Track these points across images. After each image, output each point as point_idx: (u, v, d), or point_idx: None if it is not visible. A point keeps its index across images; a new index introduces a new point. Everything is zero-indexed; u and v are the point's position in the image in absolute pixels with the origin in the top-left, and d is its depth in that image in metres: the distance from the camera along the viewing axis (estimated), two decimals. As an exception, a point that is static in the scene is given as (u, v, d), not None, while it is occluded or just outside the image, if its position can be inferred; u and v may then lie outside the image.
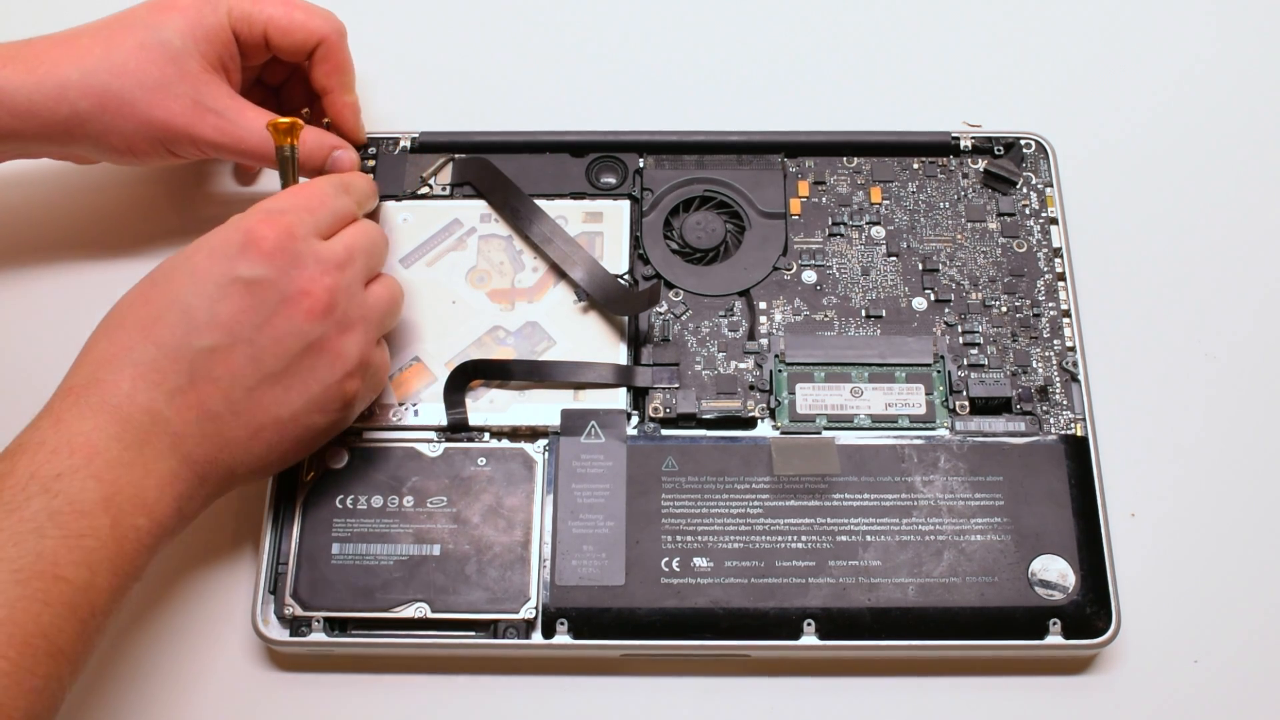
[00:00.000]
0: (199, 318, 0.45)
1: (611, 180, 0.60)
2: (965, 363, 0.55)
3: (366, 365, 0.49)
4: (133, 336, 0.45)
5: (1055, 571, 0.51)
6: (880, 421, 0.54)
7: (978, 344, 0.56)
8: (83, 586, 0.40)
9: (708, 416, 0.54)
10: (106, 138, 0.54)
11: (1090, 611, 0.50)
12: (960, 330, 0.56)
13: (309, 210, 0.49)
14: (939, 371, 0.55)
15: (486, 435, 0.53)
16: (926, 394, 0.54)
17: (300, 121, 0.54)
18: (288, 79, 0.61)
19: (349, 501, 0.52)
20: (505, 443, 0.53)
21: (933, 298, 0.57)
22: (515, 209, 0.58)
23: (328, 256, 0.48)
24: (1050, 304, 0.57)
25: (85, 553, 0.41)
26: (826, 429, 0.54)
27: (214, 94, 0.54)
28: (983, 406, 0.54)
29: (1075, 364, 0.55)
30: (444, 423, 0.53)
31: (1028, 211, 0.59)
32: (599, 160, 0.60)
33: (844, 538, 0.51)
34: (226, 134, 0.54)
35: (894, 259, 0.58)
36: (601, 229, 0.58)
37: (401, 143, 0.60)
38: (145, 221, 0.61)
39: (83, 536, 0.41)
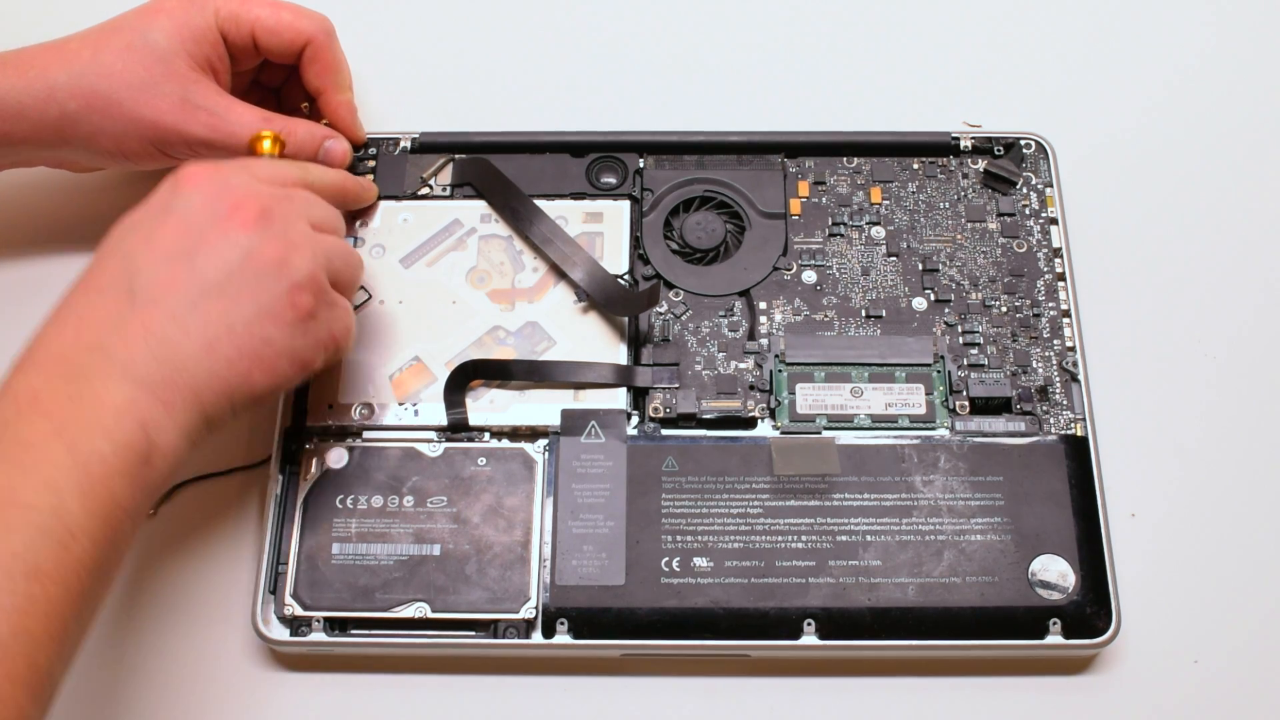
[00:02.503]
0: (135, 254, 0.45)
1: (611, 180, 0.60)
2: (965, 363, 0.55)
3: (321, 288, 0.48)
4: (74, 295, 0.45)
5: (1055, 571, 0.51)
6: (880, 421, 0.54)
7: (978, 344, 0.56)
8: (50, 509, 0.40)
9: (708, 416, 0.54)
10: (97, 139, 0.54)
11: (1090, 611, 0.50)
12: (960, 330, 0.56)
13: (243, 162, 0.49)
14: (939, 371, 0.55)
15: (486, 435, 0.53)
16: (926, 394, 0.54)
17: (281, 137, 0.54)
18: (286, 80, 0.61)
19: (349, 501, 0.52)
20: (505, 443, 0.53)
21: (933, 298, 0.57)
22: (515, 209, 0.58)
23: (261, 186, 0.48)
24: (1050, 304, 0.57)
25: (44, 479, 0.40)
26: (826, 429, 0.54)
27: (202, 92, 0.54)
28: (983, 406, 0.54)
29: (1075, 364, 0.55)
30: (444, 423, 0.53)
31: (1028, 211, 0.59)
32: (599, 160, 0.60)
33: (844, 538, 0.51)
34: (217, 130, 0.54)
35: (894, 259, 0.58)
36: (601, 229, 0.58)
37: (401, 143, 0.60)
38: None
39: (37, 466, 0.40)
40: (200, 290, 0.45)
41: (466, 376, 0.54)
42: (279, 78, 0.61)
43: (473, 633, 0.50)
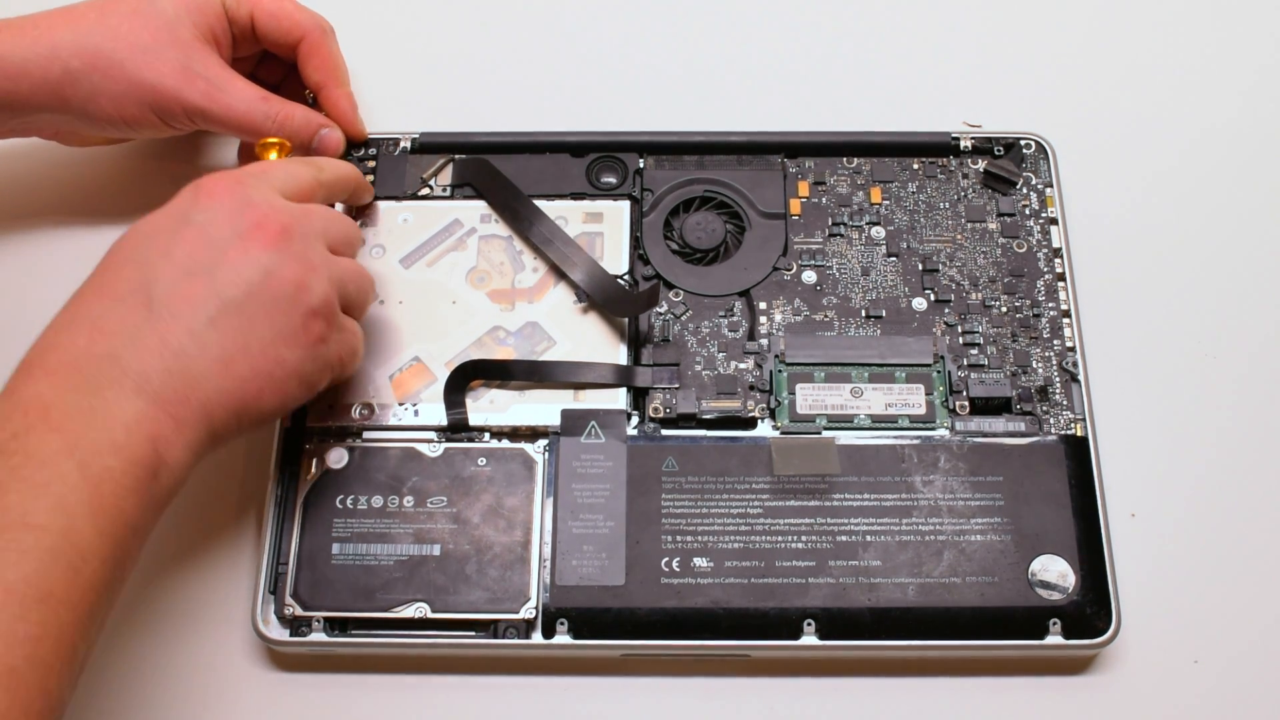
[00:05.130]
0: (154, 264, 0.45)
1: (611, 180, 0.60)
2: (965, 363, 0.55)
3: (333, 314, 0.48)
4: (88, 299, 0.44)
5: (1055, 571, 0.51)
6: (880, 421, 0.54)
7: (978, 344, 0.56)
8: (61, 531, 0.39)
9: (708, 417, 0.54)
10: (96, 100, 0.54)
11: (1090, 611, 0.50)
12: (960, 330, 0.56)
13: (261, 171, 0.49)
14: (939, 371, 0.55)
15: (486, 435, 0.53)
16: (926, 394, 0.54)
17: (287, 143, 0.56)
18: (285, 78, 0.61)
19: (349, 501, 0.52)
20: (505, 443, 0.53)
21: (933, 298, 0.57)
22: (515, 210, 0.58)
23: (281, 203, 0.48)
24: (1050, 304, 0.57)
25: (55, 499, 0.39)
26: (826, 429, 0.54)
27: (204, 62, 0.55)
28: (983, 406, 0.54)
29: (1075, 364, 0.55)
30: (444, 423, 0.53)
31: (1028, 211, 0.59)
32: (599, 160, 0.60)
33: (844, 538, 0.51)
34: (215, 101, 0.55)
35: (894, 259, 0.58)
36: (601, 229, 0.58)
37: (402, 143, 0.60)
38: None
39: (48, 484, 0.39)
40: (219, 307, 0.45)
41: (466, 376, 0.54)
42: (278, 74, 0.61)
43: (473, 633, 0.50)
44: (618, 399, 0.54)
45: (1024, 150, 0.60)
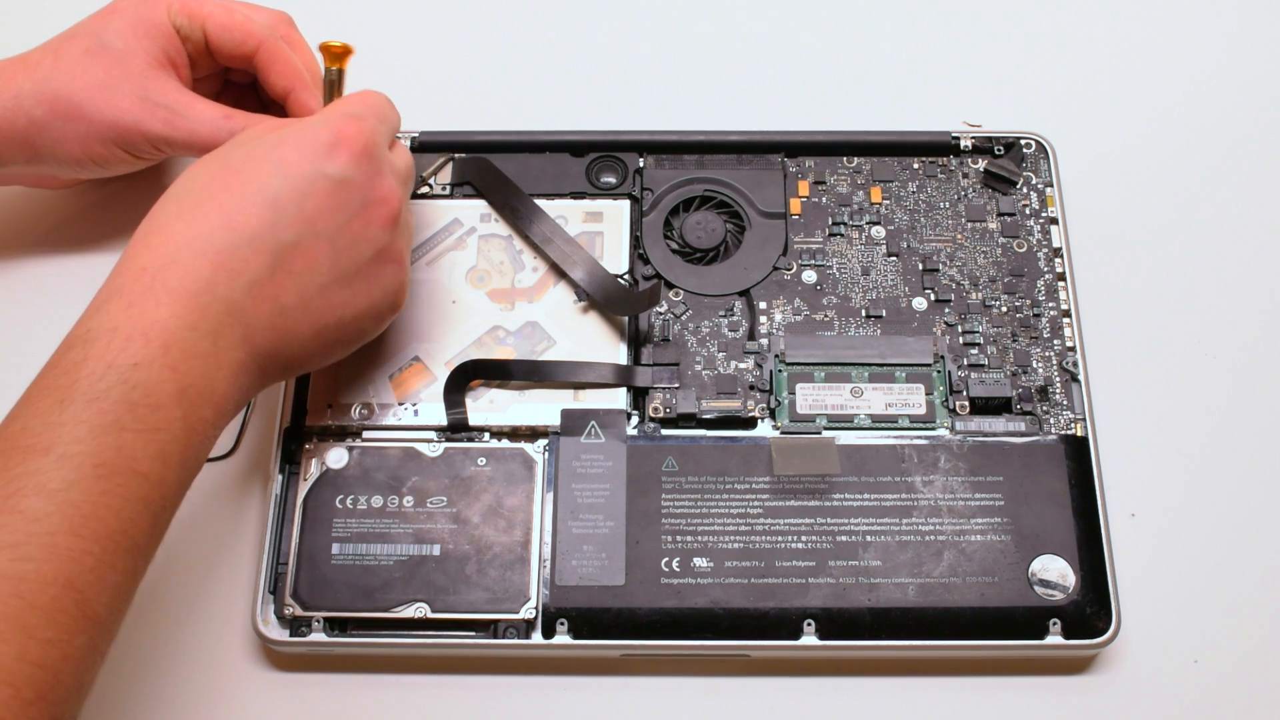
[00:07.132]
0: (285, 210, 0.45)
1: (611, 180, 0.60)
2: (965, 363, 0.55)
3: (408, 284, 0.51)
4: (213, 222, 0.45)
5: (1055, 571, 0.51)
6: (880, 421, 0.54)
7: (978, 344, 0.56)
8: (156, 481, 0.41)
9: (708, 416, 0.54)
10: (63, 145, 0.54)
11: (1090, 611, 0.50)
12: (960, 330, 0.56)
13: (381, 119, 0.50)
14: (939, 371, 0.55)
15: (486, 435, 0.53)
16: (926, 394, 0.54)
17: (352, 47, 0.55)
18: (255, 80, 0.60)
19: (349, 501, 0.52)
20: (505, 443, 0.53)
21: (933, 298, 0.57)
22: (515, 209, 0.58)
23: (397, 170, 0.50)
24: (1050, 304, 0.57)
25: (159, 446, 0.41)
26: (826, 429, 0.54)
27: (161, 89, 0.54)
28: (983, 406, 0.54)
29: (1075, 364, 0.55)
30: (444, 423, 0.53)
31: (1028, 211, 0.59)
32: (599, 160, 0.60)
33: (844, 538, 0.51)
34: (176, 127, 0.54)
35: (894, 259, 0.58)
36: (601, 229, 0.58)
37: (401, 142, 0.60)
38: (131, 217, 0.61)
39: (157, 430, 0.41)
40: (333, 275, 0.47)
41: (466, 376, 0.54)
42: (250, 77, 0.60)
43: (473, 633, 0.50)
44: (618, 399, 0.54)
45: (1024, 150, 0.60)
